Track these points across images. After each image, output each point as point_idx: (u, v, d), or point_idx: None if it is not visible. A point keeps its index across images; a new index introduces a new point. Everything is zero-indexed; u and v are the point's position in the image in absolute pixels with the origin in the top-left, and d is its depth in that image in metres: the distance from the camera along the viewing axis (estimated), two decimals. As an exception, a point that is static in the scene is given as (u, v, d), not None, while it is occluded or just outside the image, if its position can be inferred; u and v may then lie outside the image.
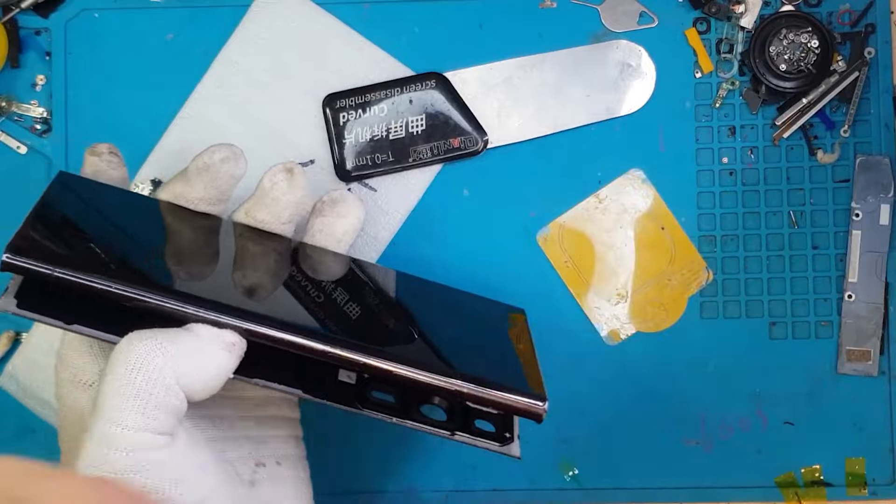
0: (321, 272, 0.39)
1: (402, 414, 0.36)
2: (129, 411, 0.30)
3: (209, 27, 0.47)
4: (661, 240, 0.47)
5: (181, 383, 0.31)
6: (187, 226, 0.39)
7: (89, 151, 0.40)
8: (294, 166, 0.39)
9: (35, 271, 0.32)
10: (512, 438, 0.36)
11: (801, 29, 0.46)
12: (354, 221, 0.41)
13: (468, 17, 0.47)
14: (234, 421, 0.38)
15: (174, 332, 0.32)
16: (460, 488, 0.47)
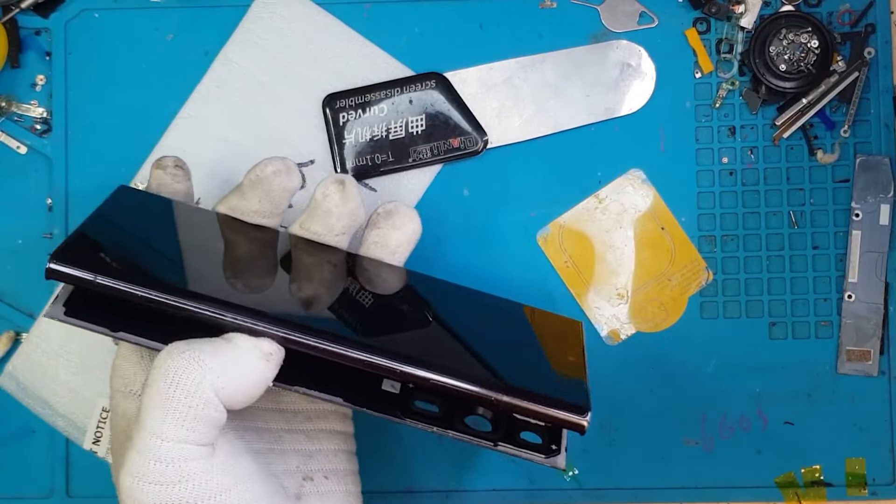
0: (376, 284, 0.40)
1: (445, 424, 0.36)
2: (168, 424, 0.31)
3: (209, 27, 0.47)
4: (661, 240, 0.47)
5: (220, 395, 0.32)
6: (243, 238, 0.39)
7: (155, 165, 0.41)
8: (346, 178, 0.40)
9: (77, 278, 0.33)
10: (559, 451, 0.36)
11: (801, 29, 0.46)
12: (410, 233, 0.41)
13: (468, 17, 0.47)
14: (282, 434, 0.38)
15: (212, 343, 0.33)
16: (460, 488, 0.47)
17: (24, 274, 0.47)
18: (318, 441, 0.39)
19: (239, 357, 0.33)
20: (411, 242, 0.41)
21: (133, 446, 0.31)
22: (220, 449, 0.33)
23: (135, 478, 0.31)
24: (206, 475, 0.32)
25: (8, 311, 0.47)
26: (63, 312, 0.34)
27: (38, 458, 0.47)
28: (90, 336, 0.46)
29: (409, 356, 0.34)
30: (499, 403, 0.34)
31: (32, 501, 0.47)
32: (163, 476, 0.31)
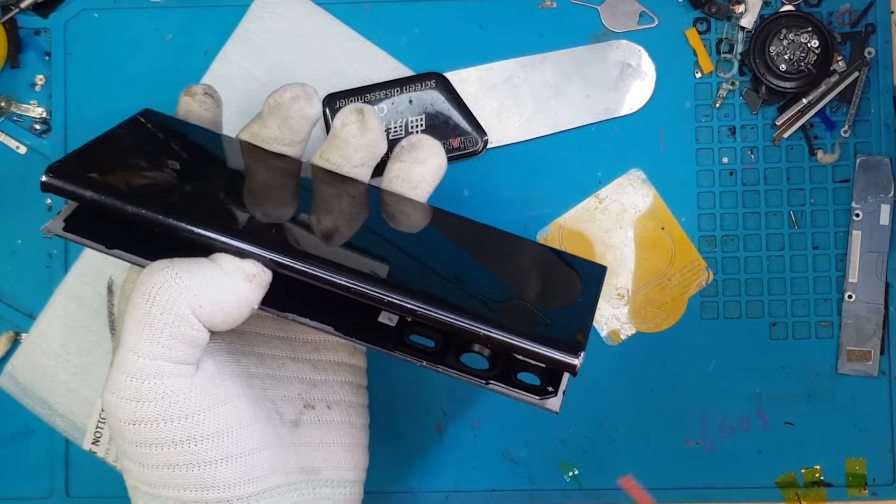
0: (397, 220, 0.38)
1: (436, 359, 0.35)
2: (144, 340, 0.31)
3: (209, 27, 0.47)
4: (661, 240, 0.47)
5: (197, 313, 0.32)
6: (263, 166, 0.39)
7: (184, 92, 0.40)
8: (365, 107, 0.38)
9: (69, 192, 0.33)
10: (555, 393, 0.35)
11: (801, 29, 0.46)
12: (434, 168, 0.39)
13: (468, 17, 0.47)
14: (286, 361, 0.38)
15: (194, 262, 0.32)
16: (460, 488, 0.47)
17: (23, 274, 0.47)
18: (323, 371, 0.38)
19: (221, 277, 0.32)
20: (435, 178, 0.40)
21: (112, 362, 0.31)
22: (203, 369, 0.32)
23: (112, 394, 0.31)
24: (184, 394, 0.31)
25: (7, 311, 0.47)
26: (62, 227, 0.35)
27: (37, 459, 0.47)
28: (90, 336, 0.46)
29: (398, 286, 0.34)
30: (487, 339, 0.33)
31: (32, 501, 0.47)
32: (138, 392, 0.31)
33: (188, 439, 0.31)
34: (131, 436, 0.31)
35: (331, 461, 0.37)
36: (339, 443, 0.38)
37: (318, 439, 0.37)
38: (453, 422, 0.47)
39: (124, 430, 0.31)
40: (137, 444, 0.31)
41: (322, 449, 0.37)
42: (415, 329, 0.36)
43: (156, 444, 0.31)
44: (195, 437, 0.31)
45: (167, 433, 0.31)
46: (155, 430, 0.31)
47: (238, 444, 0.32)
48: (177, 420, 0.31)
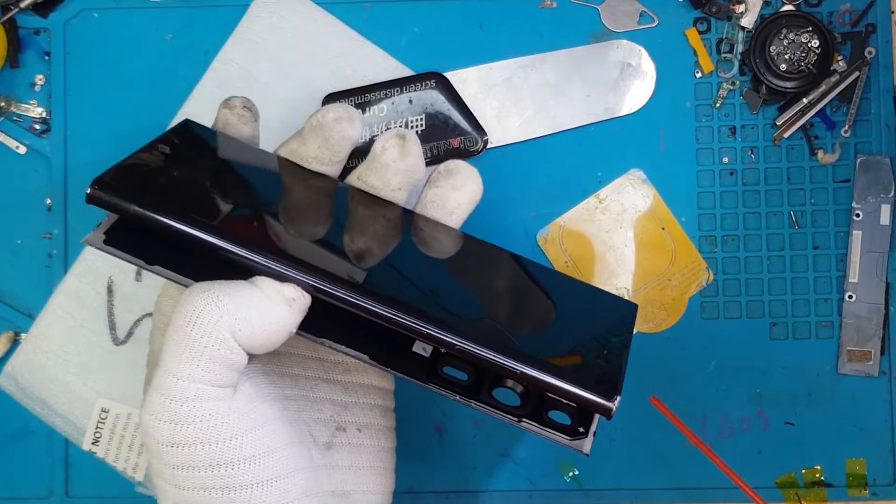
0: (429, 245, 0.39)
1: (470, 394, 0.35)
2: (184, 363, 0.31)
3: (209, 27, 0.47)
4: (661, 240, 0.47)
5: (237, 337, 0.32)
6: (300, 184, 0.39)
7: (223, 105, 0.40)
8: (407, 133, 0.39)
9: (113, 205, 0.33)
10: (585, 434, 0.35)
11: (801, 29, 0.46)
12: (469, 195, 0.39)
13: (468, 17, 0.47)
14: (319, 382, 0.38)
15: (235, 285, 0.32)
16: (460, 488, 0.47)
17: (23, 274, 0.47)
18: (354, 394, 0.38)
19: (261, 300, 0.32)
20: (470, 204, 0.40)
21: (151, 384, 0.31)
22: (240, 392, 0.32)
23: (151, 415, 0.31)
24: (222, 417, 0.31)
25: (7, 311, 0.47)
26: (102, 240, 0.34)
27: (37, 459, 0.47)
28: (89, 336, 0.46)
29: (436, 318, 0.33)
30: (523, 377, 0.33)
31: (32, 502, 0.47)
32: (176, 415, 0.31)
33: (225, 463, 0.31)
34: (169, 458, 0.31)
35: (360, 484, 0.37)
36: (369, 466, 0.38)
37: (349, 462, 0.37)
38: (453, 422, 0.47)
39: (162, 451, 0.31)
40: (174, 466, 0.31)
41: (352, 472, 0.37)
42: (449, 361, 0.36)
43: (193, 467, 0.31)
44: (232, 461, 0.31)
45: (205, 456, 0.31)
46: (192, 453, 0.31)
47: (274, 468, 0.32)
48: (214, 444, 0.31)
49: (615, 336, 0.38)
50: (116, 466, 0.46)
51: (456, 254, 0.39)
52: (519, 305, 0.38)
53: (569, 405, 0.35)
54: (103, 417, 0.46)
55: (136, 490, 0.46)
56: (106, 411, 0.46)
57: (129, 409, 0.46)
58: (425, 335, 0.33)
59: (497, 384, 0.36)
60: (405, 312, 0.33)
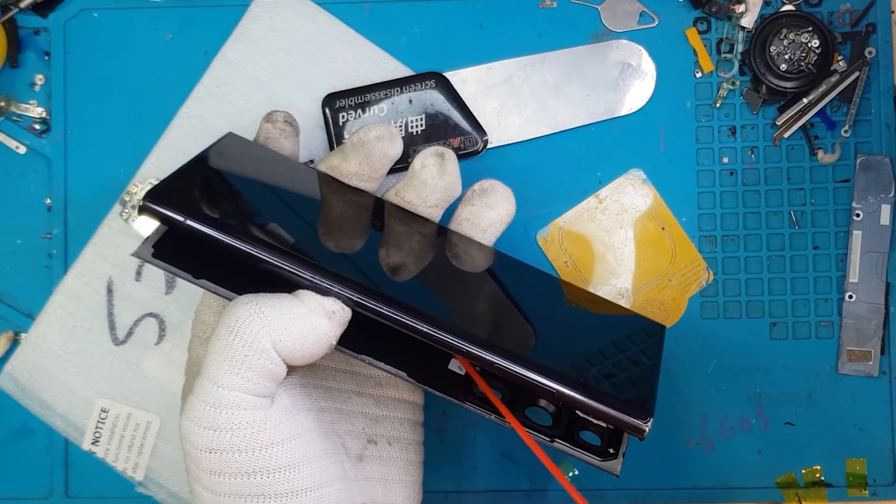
0: (463, 261, 0.39)
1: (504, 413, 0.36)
2: (225, 371, 0.32)
3: (208, 27, 0.47)
4: (661, 240, 0.47)
5: (277, 348, 0.32)
6: (339, 199, 0.39)
7: (265, 119, 0.41)
8: (446, 151, 0.40)
9: (168, 218, 0.34)
10: (616, 455, 0.36)
11: (801, 29, 0.46)
12: (504, 214, 0.41)
13: (468, 17, 0.47)
14: (352, 395, 0.39)
15: (277, 298, 0.33)
16: (460, 488, 0.47)
17: (23, 274, 0.47)
18: (385, 407, 0.39)
19: (302, 313, 0.33)
20: (504, 223, 0.41)
21: (192, 391, 0.32)
22: (278, 402, 0.33)
23: (191, 421, 0.32)
24: (259, 426, 0.32)
25: (7, 311, 0.47)
26: (151, 253, 0.35)
27: (37, 459, 0.47)
28: (89, 336, 0.46)
29: (477, 337, 0.34)
30: (560, 397, 0.34)
31: (31, 502, 0.47)
32: (215, 422, 0.32)
33: (261, 471, 0.32)
34: (206, 463, 0.32)
35: (390, 497, 0.38)
36: (398, 479, 0.39)
37: (379, 475, 0.38)
38: (453, 422, 0.47)
39: (200, 457, 0.32)
40: (212, 471, 0.32)
41: (382, 485, 0.38)
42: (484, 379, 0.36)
43: (229, 474, 0.32)
44: (268, 469, 0.32)
45: (241, 464, 0.32)
46: (230, 459, 0.32)
47: (308, 479, 0.33)
48: (251, 451, 0.32)
49: (647, 358, 0.39)
50: (116, 466, 0.46)
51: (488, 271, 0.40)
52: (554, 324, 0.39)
53: (599, 425, 0.36)
54: (103, 417, 0.46)
55: (136, 490, 0.46)
56: (106, 411, 0.46)
57: (128, 409, 0.46)
58: (466, 353, 0.34)
59: (530, 403, 0.37)
60: (444, 330, 0.34)
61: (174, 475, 0.46)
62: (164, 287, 0.46)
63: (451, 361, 0.37)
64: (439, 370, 0.37)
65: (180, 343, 0.46)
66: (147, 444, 0.46)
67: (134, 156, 0.47)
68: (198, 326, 0.38)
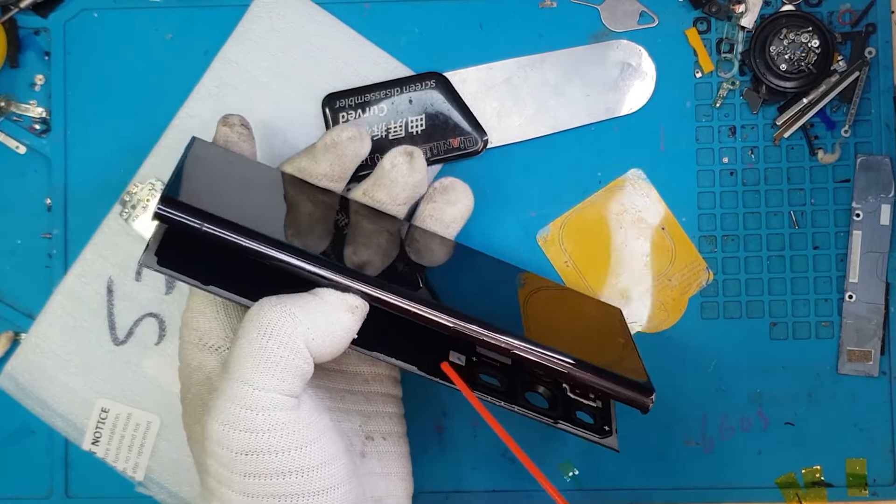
0: (426, 256, 0.40)
1: (509, 398, 0.37)
2: (260, 373, 0.32)
3: (208, 27, 0.47)
4: (661, 240, 0.47)
5: (310, 346, 0.33)
6: (307, 199, 0.40)
7: (222, 122, 0.41)
8: (414, 150, 0.41)
9: (186, 224, 0.33)
10: (611, 431, 0.38)
11: (801, 29, 0.46)
12: (463, 210, 0.43)
13: (468, 17, 0.47)
14: (345, 394, 0.39)
15: (302, 298, 0.34)
16: (460, 488, 0.47)
17: (23, 274, 0.47)
18: (375, 403, 0.40)
19: (327, 310, 0.34)
20: (464, 218, 0.43)
21: (222, 395, 0.32)
22: (304, 403, 0.34)
23: (225, 425, 0.32)
24: (293, 426, 0.33)
25: (7, 311, 0.47)
26: (156, 262, 0.35)
27: (37, 459, 0.47)
28: (89, 336, 0.46)
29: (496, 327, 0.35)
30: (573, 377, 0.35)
31: (31, 502, 0.47)
32: (252, 423, 0.32)
33: (296, 470, 0.33)
34: (241, 466, 0.32)
35: (391, 490, 0.39)
36: (396, 472, 0.39)
37: (380, 469, 0.39)
38: (453, 422, 0.47)
39: (235, 460, 0.32)
40: (246, 474, 0.32)
41: (384, 479, 0.39)
42: (482, 369, 0.38)
43: (265, 475, 0.32)
44: (302, 469, 0.33)
45: (277, 464, 0.32)
46: (266, 461, 0.32)
47: (335, 476, 0.34)
48: (286, 452, 0.32)
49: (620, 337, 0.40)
50: (116, 466, 0.46)
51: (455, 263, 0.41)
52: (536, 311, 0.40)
53: (590, 405, 0.37)
54: (103, 417, 0.46)
55: (136, 490, 0.46)
56: (106, 411, 0.46)
57: (128, 409, 0.46)
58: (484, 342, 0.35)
59: (528, 388, 0.38)
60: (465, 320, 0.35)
61: (174, 475, 0.46)
62: (164, 287, 0.46)
63: (450, 354, 0.38)
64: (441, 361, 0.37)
65: (180, 343, 0.46)
66: (147, 444, 0.46)
67: (134, 156, 0.47)
68: (191, 333, 0.38)
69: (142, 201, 0.46)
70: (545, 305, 0.41)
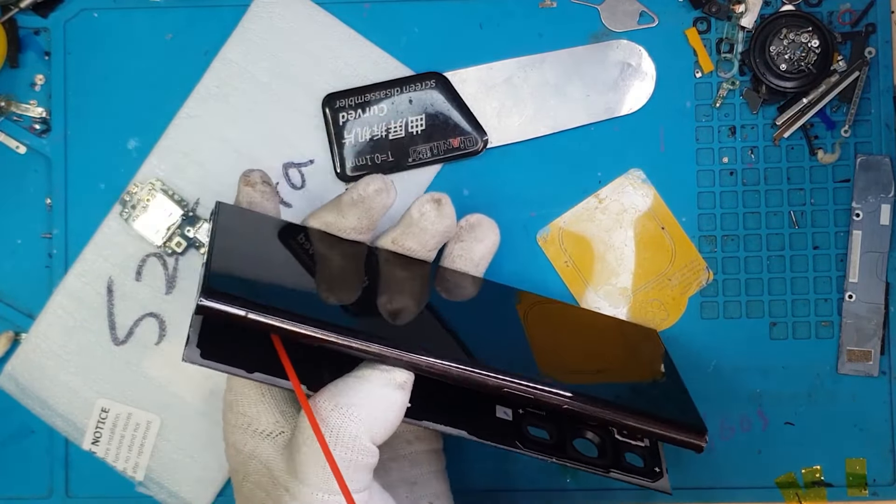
0: (457, 295, 0.40)
1: (558, 452, 0.37)
2: (331, 478, 0.32)
3: (209, 27, 0.47)
4: (661, 240, 0.47)
5: (374, 439, 0.34)
6: (337, 254, 0.40)
7: (243, 181, 0.41)
8: (442, 196, 0.41)
9: (228, 314, 0.32)
10: (662, 473, 0.38)
11: (801, 29, 0.46)
12: (491, 245, 0.43)
13: (468, 17, 0.47)
14: (388, 463, 0.39)
15: (353, 388, 0.34)
16: (461, 488, 0.47)
17: (23, 274, 0.47)
18: (419, 465, 0.40)
19: (381, 395, 0.34)
20: (492, 254, 0.43)
21: (295, 497, 0.33)
22: (374, 492, 0.34)
23: None
24: None
25: (7, 311, 0.47)
26: (199, 355, 0.34)
27: (37, 459, 0.47)
28: (90, 336, 0.46)
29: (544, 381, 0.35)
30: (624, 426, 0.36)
31: (32, 502, 0.47)
32: None
33: None
34: None
35: None
36: None
37: None
38: (453, 422, 0.47)
39: None
40: None
41: None
42: (531, 421, 0.37)
43: None
44: None
45: None
46: None
47: None
48: None
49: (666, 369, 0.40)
50: (116, 466, 0.46)
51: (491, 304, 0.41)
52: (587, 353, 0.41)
53: (639, 446, 0.38)
54: (103, 417, 0.46)
55: (136, 490, 0.46)
56: (106, 411, 0.46)
57: (128, 409, 0.46)
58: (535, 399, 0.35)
59: (576, 435, 0.38)
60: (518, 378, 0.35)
61: (174, 475, 0.46)
62: (164, 287, 0.46)
63: (496, 409, 0.38)
64: (488, 420, 0.37)
65: (180, 343, 0.46)
66: (147, 444, 0.46)
67: (134, 156, 0.47)
68: (238, 418, 0.37)
69: (142, 201, 0.46)
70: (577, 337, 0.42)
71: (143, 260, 0.46)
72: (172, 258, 0.46)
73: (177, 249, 0.46)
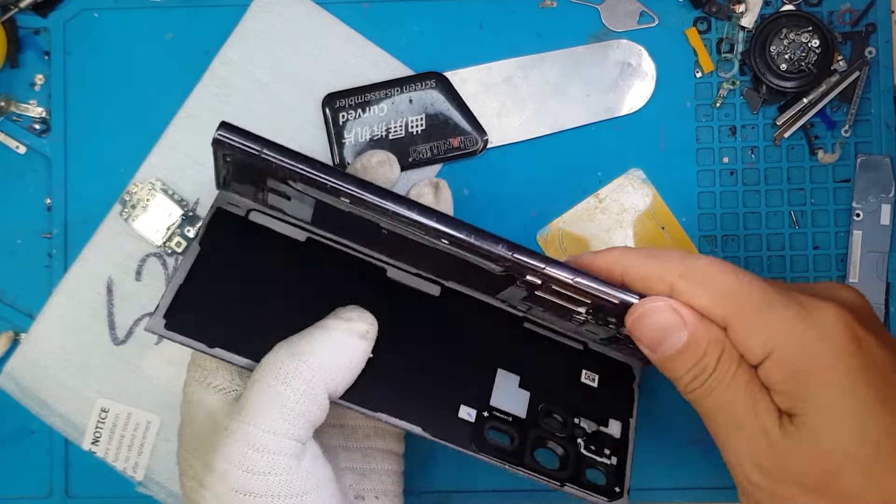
0: None
1: (515, 459, 0.37)
2: (273, 417, 0.33)
3: (208, 26, 0.47)
4: (661, 240, 0.47)
5: (329, 388, 0.34)
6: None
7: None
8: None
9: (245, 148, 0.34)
10: (622, 494, 0.38)
11: (801, 28, 0.46)
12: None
13: (468, 17, 0.47)
14: (339, 451, 0.39)
15: (312, 337, 0.34)
16: (460, 488, 0.47)
17: (23, 274, 0.47)
18: (373, 460, 0.40)
19: (340, 343, 0.35)
20: None
21: (232, 434, 0.33)
22: (308, 451, 0.34)
23: (230, 463, 0.33)
24: (294, 472, 0.33)
25: (7, 311, 0.47)
26: (163, 325, 0.35)
27: (37, 459, 0.47)
28: (89, 336, 0.46)
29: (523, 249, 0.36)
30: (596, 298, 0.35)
31: (31, 501, 0.47)
32: (256, 464, 0.33)
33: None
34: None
35: None
36: None
37: None
38: (453, 422, 0.47)
39: (234, 499, 0.33)
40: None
41: None
42: (493, 424, 0.38)
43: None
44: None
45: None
46: (264, 503, 0.33)
47: None
48: (284, 497, 0.33)
49: None
50: (116, 466, 0.46)
51: None
52: None
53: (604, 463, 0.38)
54: (103, 417, 0.46)
55: (136, 490, 0.46)
56: (106, 411, 0.46)
57: (128, 408, 0.46)
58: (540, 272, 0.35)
59: (540, 444, 0.38)
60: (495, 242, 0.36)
61: (174, 475, 0.46)
62: (164, 287, 0.46)
63: (460, 409, 0.38)
64: (449, 419, 0.37)
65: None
66: (147, 443, 0.46)
67: (134, 156, 0.47)
68: (197, 371, 0.38)
69: (142, 201, 0.46)
70: None
71: (142, 260, 0.46)
72: (172, 258, 0.46)
73: (177, 249, 0.46)
